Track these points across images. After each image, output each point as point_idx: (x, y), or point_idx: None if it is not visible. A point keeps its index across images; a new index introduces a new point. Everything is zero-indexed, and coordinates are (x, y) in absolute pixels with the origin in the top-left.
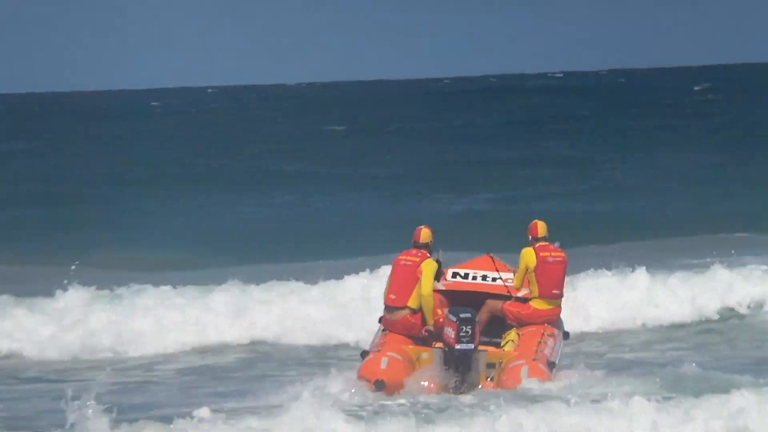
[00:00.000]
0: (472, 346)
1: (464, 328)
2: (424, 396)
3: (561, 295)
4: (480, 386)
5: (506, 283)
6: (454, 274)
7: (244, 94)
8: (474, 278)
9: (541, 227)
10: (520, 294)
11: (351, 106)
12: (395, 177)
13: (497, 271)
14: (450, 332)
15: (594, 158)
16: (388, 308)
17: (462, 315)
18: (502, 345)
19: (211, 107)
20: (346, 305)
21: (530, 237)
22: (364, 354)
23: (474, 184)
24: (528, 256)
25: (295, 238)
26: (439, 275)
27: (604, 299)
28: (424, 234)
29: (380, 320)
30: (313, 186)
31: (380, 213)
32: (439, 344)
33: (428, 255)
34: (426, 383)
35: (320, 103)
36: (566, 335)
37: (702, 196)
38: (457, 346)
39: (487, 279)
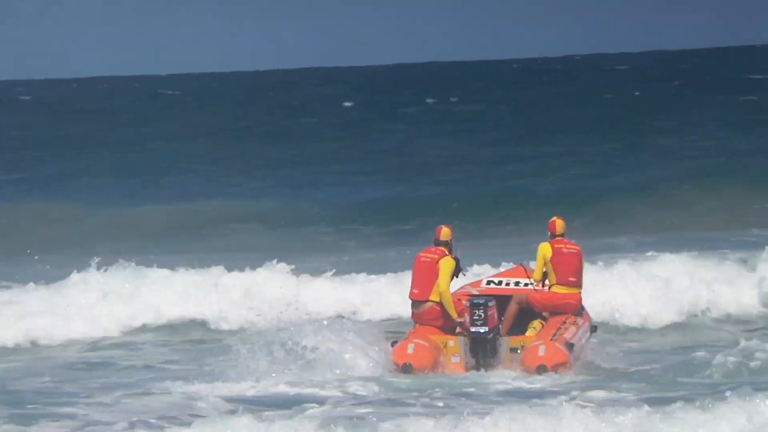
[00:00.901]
0: (486, 328)
1: (477, 312)
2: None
3: (578, 284)
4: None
5: (536, 288)
6: (489, 282)
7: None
8: (507, 284)
9: (559, 225)
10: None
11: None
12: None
13: (528, 277)
14: (466, 318)
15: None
16: (413, 303)
17: (475, 301)
18: (526, 330)
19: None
20: None
21: (549, 233)
22: (393, 343)
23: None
24: (544, 248)
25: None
26: (458, 272)
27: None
28: (444, 232)
29: None
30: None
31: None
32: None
33: (446, 252)
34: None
35: None
36: (594, 328)
37: None
38: (472, 329)
39: (520, 284)
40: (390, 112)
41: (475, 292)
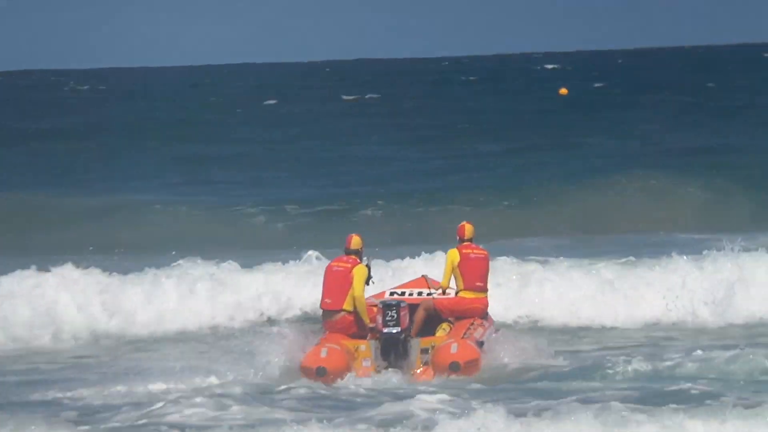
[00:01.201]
0: (398, 329)
1: (389, 313)
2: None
3: (485, 288)
4: (414, 370)
5: (440, 295)
6: (392, 293)
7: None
8: (411, 295)
9: (468, 229)
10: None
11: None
12: None
13: (430, 288)
14: (379, 320)
15: None
16: (325, 312)
17: (387, 302)
18: (434, 334)
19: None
20: None
21: (457, 237)
22: (304, 350)
23: None
24: (452, 254)
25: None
26: (368, 279)
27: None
28: (355, 241)
29: None
30: None
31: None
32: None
33: (359, 261)
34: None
35: None
36: (497, 332)
37: None
38: (384, 330)
39: (423, 294)
40: (312, 109)
41: (378, 303)
